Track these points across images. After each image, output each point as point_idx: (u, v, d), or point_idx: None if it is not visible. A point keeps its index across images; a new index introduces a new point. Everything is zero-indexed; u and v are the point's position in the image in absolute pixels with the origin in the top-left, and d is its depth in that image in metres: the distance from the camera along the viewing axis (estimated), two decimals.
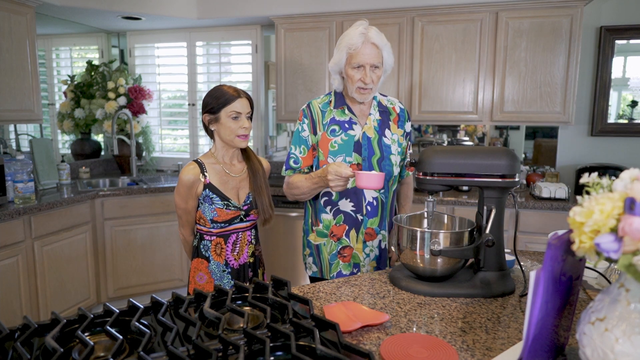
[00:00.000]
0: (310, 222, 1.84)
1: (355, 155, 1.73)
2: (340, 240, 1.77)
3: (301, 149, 1.78)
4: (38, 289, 2.79)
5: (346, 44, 1.64)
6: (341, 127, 1.75)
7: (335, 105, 1.77)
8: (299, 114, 1.81)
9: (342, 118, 1.76)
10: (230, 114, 1.68)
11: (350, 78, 1.67)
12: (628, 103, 3.22)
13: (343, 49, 1.65)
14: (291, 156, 1.79)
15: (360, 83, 1.66)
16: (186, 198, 1.73)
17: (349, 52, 1.64)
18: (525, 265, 1.54)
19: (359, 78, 1.65)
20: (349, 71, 1.67)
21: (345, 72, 1.69)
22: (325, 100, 1.81)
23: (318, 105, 1.79)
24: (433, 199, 1.41)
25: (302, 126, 1.78)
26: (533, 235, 2.89)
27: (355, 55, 1.63)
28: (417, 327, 1.10)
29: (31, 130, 3.93)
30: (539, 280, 0.76)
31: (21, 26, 2.95)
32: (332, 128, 1.75)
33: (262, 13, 3.50)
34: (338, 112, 1.77)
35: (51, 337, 0.89)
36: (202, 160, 1.76)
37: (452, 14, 3.11)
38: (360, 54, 1.62)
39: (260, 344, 0.89)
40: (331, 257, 1.79)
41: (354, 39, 1.62)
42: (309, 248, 1.85)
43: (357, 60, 1.63)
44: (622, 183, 0.70)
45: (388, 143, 1.77)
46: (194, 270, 1.80)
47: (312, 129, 1.77)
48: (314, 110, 1.78)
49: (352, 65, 1.65)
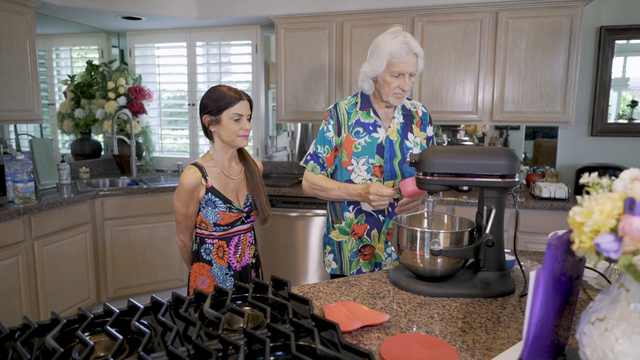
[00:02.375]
0: (331, 220, 1.88)
1: (378, 158, 1.78)
2: (361, 239, 1.82)
3: (325, 148, 1.82)
4: (38, 289, 2.79)
5: (388, 53, 1.66)
6: (365, 129, 1.79)
7: (361, 107, 1.81)
8: (326, 114, 1.85)
9: (366, 120, 1.80)
10: (232, 116, 1.67)
11: (387, 84, 1.71)
12: (628, 103, 3.22)
13: (384, 57, 1.67)
14: (318, 155, 1.82)
15: (398, 90, 1.71)
16: (187, 203, 1.71)
17: (391, 60, 1.67)
18: (525, 265, 1.54)
19: (397, 85, 1.70)
20: (387, 78, 1.70)
21: (383, 79, 1.72)
22: (352, 101, 1.84)
23: (345, 107, 1.82)
24: (433, 199, 1.41)
25: (327, 126, 1.82)
26: (533, 235, 2.89)
27: (397, 64, 1.67)
28: (417, 327, 1.10)
29: (31, 130, 3.93)
30: (539, 280, 0.76)
31: (21, 26, 2.95)
32: (357, 130, 1.79)
33: (262, 13, 3.50)
34: (363, 114, 1.80)
35: (51, 337, 0.89)
36: (202, 163, 1.74)
37: (452, 14, 3.11)
38: (402, 63, 1.66)
39: (260, 344, 0.89)
40: (352, 254, 1.84)
41: (398, 49, 1.65)
42: (329, 245, 1.88)
43: (399, 69, 1.67)
44: (622, 183, 0.70)
45: (410, 146, 1.82)
46: (195, 275, 1.78)
47: (336, 130, 1.81)
48: (340, 112, 1.81)
49: (392, 72, 1.68)
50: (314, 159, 1.84)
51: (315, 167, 1.83)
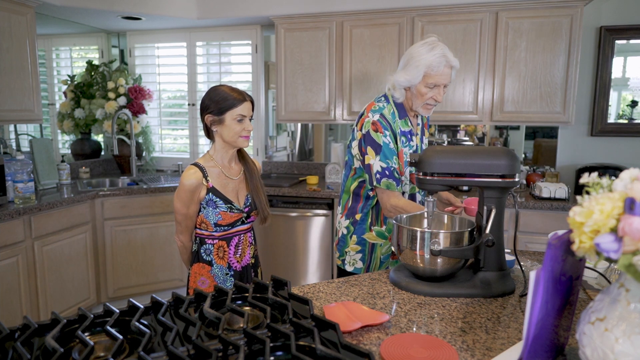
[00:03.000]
0: (370, 222, 1.84)
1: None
2: None
3: (394, 160, 1.73)
4: (38, 289, 2.79)
5: (426, 65, 1.65)
6: (407, 138, 1.80)
7: (399, 116, 1.80)
8: (375, 125, 1.72)
9: (405, 129, 1.80)
10: (235, 117, 1.67)
11: (421, 95, 1.71)
12: (628, 103, 3.22)
13: (421, 68, 1.66)
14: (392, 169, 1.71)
15: (431, 100, 1.71)
16: (188, 203, 1.70)
17: (428, 72, 1.67)
18: (525, 265, 1.53)
19: (430, 96, 1.70)
20: (422, 89, 1.70)
21: (417, 89, 1.71)
22: (390, 110, 1.79)
23: (389, 115, 1.77)
24: (433, 199, 1.41)
25: (386, 138, 1.72)
26: (533, 235, 2.89)
27: (434, 76, 1.67)
28: (417, 327, 1.10)
29: (31, 130, 3.93)
30: (539, 280, 0.76)
31: (21, 26, 2.95)
32: (402, 139, 1.79)
33: (262, 13, 3.50)
34: (402, 123, 1.80)
35: (51, 337, 0.89)
36: (202, 163, 1.74)
37: (452, 14, 3.11)
38: (439, 75, 1.67)
39: (260, 344, 0.89)
40: (384, 256, 1.85)
41: (436, 62, 1.65)
42: (359, 245, 1.86)
43: (435, 80, 1.67)
44: (622, 183, 0.70)
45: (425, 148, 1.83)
46: (195, 276, 1.78)
47: (394, 139, 1.76)
48: (390, 121, 1.76)
49: (427, 84, 1.69)
50: (387, 175, 1.71)
51: (391, 184, 1.71)
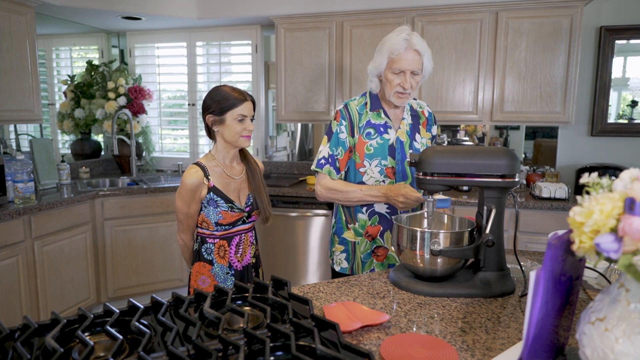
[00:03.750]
0: (345, 220, 1.85)
1: (390, 159, 1.76)
2: (374, 240, 1.80)
3: (339, 150, 1.77)
4: (38, 289, 2.79)
5: (388, 49, 1.65)
6: (376, 131, 1.77)
7: (371, 108, 1.78)
8: (336, 115, 1.79)
9: (377, 121, 1.78)
10: (236, 117, 1.68)
11: (389, 82, 1.69)
12: (628, 103, 3.22)
13: (385, 53, 1.66)
14: (336, 157, 1.77)
15: (399, 88, 1.68)
16: (189, 202, 1.71)
17: (391, 57, 1.65)
18: (525, 265, 1.53)
19: (398, 83, 1.68)
20: (389, 75, 1.68)
21: (385, 76, 1.70)
22: (361, 102, 1.81)
23: (355, 107, 1.78)
24: (433, 199, 1.41)
25: (340, 127, 1.76)
26: (533, 235, 2.89)
27: (397, 60, 1.65)
28: (417, 327, 1.10)
29: (31, 130, 3.93)
30: (539, 280, 0.76)
31: (21, 26, 2.95)
32: (368, 131, 1.76)
33: (262, 13, 3.50)
34: (374, 115, 1.78)
35: (51, 337, 0.89)
36: (203, 163, 1.74)
37: (452, 14, 3.11)
38: (403, 59, 1.64)
39: (260, 344, 0.89)
40: (364, 256, 1.82)
41: (397, 45, 1.63)
42: (342, 245, 1.86)
43: (399, 65, 1.65)
44: (622, 183, 0.70)
45: (418, 147, 1.82)
46: (196, 274, 1.78)
47: (350, 130, 1.76)
48: (352, 112, 1.77)
49: (392, 70, 1.67)
50: (330, 162, 1.77)
51: (332, 171, 1.77)
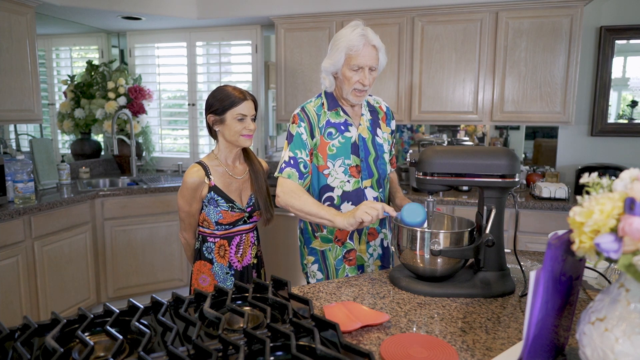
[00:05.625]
0: (311, 229, 1.78)
1: (354, 157, 1.71)
2: (344, 245, 1.75)
3: (302, 153, 1.69)
4: (38, 289, 2.79)
5: (346, 45, 1.61)
6: (337, 130, 1.72)
7: (328, 108, 1.74)
8: (293, 118, 1.72)
9: (337, 120, 1.73)
10: (236, 116, 1.68)
11: (347, 79, 1.65)
12: (628, 103, 3.22)
13: (342, 50, 1.62)
14: (299, 160, 1.67)
15: (358, 85, 1.64)
16: (190, 201, 1.71)
17: (349, 53, 1.61)
18: (525, 265, 1.53)
19: (357, 80, 1.63)
20: (347, 72, 1.64)
21: (342, 74, 1.66)
22: (317, 103, 1.76)
23: (313, 109, 1.74)
24: (433, 199, 1.41)
25: (299, 129, 1.69)
26: (533, 235, 2.89)
27: (356, 57, 1.61)
28: (417, 327, 1.10)
29: (31, 130, 3.94)
30: (539, 280, 0.76)
31: (21, 26, 2.95)
32: (329, 131, 1.71)
33: (262, 13, 3.50)
34: (332, 114, 1.73)
35: (51, 337, 0.89)
36: (205, 162, 1.75)
37: (452, 14, 3.11)
38: (361, 56, 1.60)
39: (260, 344, 0.89)
40: (337, 262, 1.76)
41: (355, 41, 1.59)
42: (312, 255, 1.79)
43: (357, 62, 1.61)
44: (622, 183, 0.70)
45: (380, 142, 1.78)
46: (197, 273, 1.79)
47: (310, 132, 1.70)
48: (310, 114, 1.72)
49: (350, 66, 1.62)
50: (292, 165, 1.65)
51: (292, 173, 1.64)
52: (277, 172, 1.69)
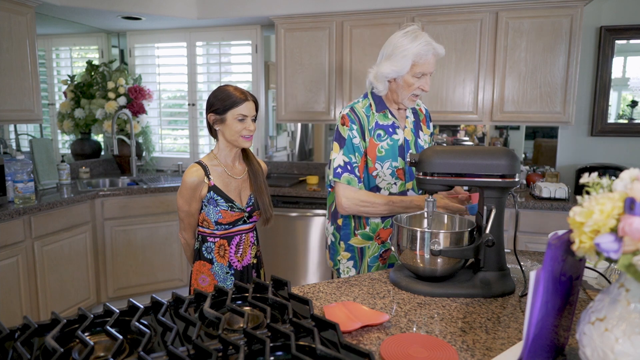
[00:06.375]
0: (353, 226, 1.80)
1: (400, 160, 1.75)
2: (384, 244, 1.79)
3: (355, 157, 1.71)
4: (38, 289, 2.79)
5: (414, 53, 1.63)
6: (386, 132, 1.75)
7: (377, 109, 1.76)
8: (343, 119, 1.73)
9: (385, 122, 1.76)
10: (236, 116, 1.68)
11: (408, 85, 1.68)
12: (628, 103, 3.22)
13: (408, 58, 1.64)
14: (354, 164, 1.70)
15: (418, 90, 1.69)
16: (190, 201, 1.72)
17: (416, 61, 1.65)
18: (525, 265, 1.53)
19: (418, 86, 1.68)
20: (409, 79, 1.67)
21: (404, 80, 1.68)
22: (365, 104, 1.77)
23: (362, 110, 1.75)
24: (433, 199, 1.41)
25: (351, 132, 1.71)
26: (533, 235, 2.89)
27: (422, 64, 1.65)
28: (417, 327, 1.10)
29: (31, 130, 3.93)
30: (539, 280, 0.76)
31: (21, 26, 2.95)
32: (378, 133, 1.74)
33: (262, 13, 3.50)
34: (380, 116, 1.76)
35: (51, 337, 0.89)
36: (205, 162, 1.75)
37: (452, 14, 3.11)
38: (427, 63, 1.65)
39: (260, 344, 0.89)
40: (372, 259, 1.80)
41: (423, 50, 1.63)
42: (348, 252, 1.81)
43: (422, 69, 1.66)
44: (622, 183, 0.70)
45: (422, 144, 1.81)
46: (196, 273, 1.79)
47: (361, 134, 1.72)
48: (360, 115, 1.73)
49: (415, 73, 1.66)
50: (349, 170, 1.70)
51: (352, 179, 1.69)
52: (332, 176, 1.72)
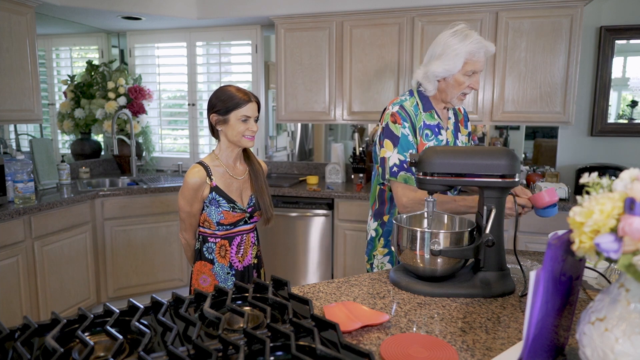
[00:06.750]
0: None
1: None
2: None
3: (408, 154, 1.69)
4: (38, 289, 2.79)
5: (466, 52, 1.63)
6: (432, 132, 1.74)
7: (424, 109, 1.75)
8: (394, 117, 1.70)
9: (431, 122, 1.75)
10: (240, 117, 1.68)
11: (459, 84, 1.67)
12: (628, 103, 3.22)
13: (461, 56, 1.63)
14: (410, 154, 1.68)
15: (467, 89, 1.68)
16: (191, 201, 1.72)
17: (469, 59, 1.64)
18: (525, 265, 1.53)
19: (468, 84, 1.67)
20: (460, 78, 1.66)
21: (455, 79, 1.67)
22: (413, 102, 1.75)
23: (410, 108, 1.73)
24: (433, 199, 1.41)
25: (405, 130, 1.69)
26: (533, 235, 2.89)
27: (474, 62, 1.65)
28: (417, 327, 1.10)
29: (31, 130, 3.93)
30: (539, 280, 0.76)
31: (21, 26, 2.95)
32: (426, 132, 1.73)
33: (262, 13, 3.50)
34: (427, 116, 1.75)
35: (51, 337, 0.89)
36: (206, 162, 1.75)
37: (452, 14, 3.11)
38: (479, 61, 1.65)
39: (260, 344, 0.89)
40: None
41: (475, 48, 1.63)
42: (387, 248, 1.84)
43: (474, 67, 1.65)
44: (622, 183, 0.70)
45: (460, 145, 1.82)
46: (197, 273, 1.79)
47: (413, 132, 1.71)
48: (410, 113, 1.72)
49: (466, 72, 1.65)
50: (405, 168, 1.67)
51: (409, 178, 1.67)
52: (388, 175, 1.70)
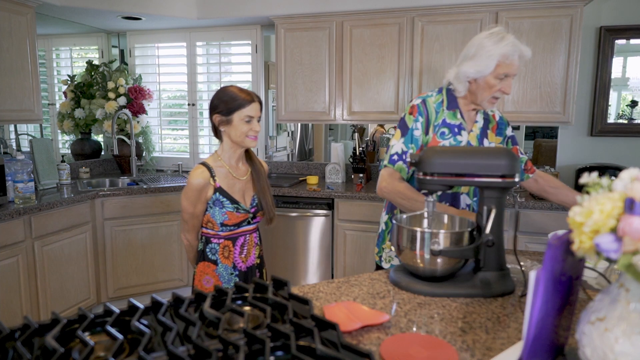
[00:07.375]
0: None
1: None
2: None
3: (411, 148, 1.70)
4: (38, 289, 2.79)
5: (500, 54, 1.60)
6: (451, 131, 1.72)
7: (448, 107, 1.73)
8: (412, 109, 1.72)
9: (452, 121, 1.73)
10: (243, 117, 1.68)
11: (490, 87, 1.64)
12: (628, 103, 3.22)
13: (494, 58, 1.60)
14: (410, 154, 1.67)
15: (498, 93, 1.65)
16: (195, 202, 1.71)
17: (502, 61, 1.61)
18: (525, 265, 1.53)
19: (499, 88, 1.64)
20: (491, 80, 1.63)
21: (486, 81, 1.65)
22: (438, 99, 1.74)
23: (433, 105, 1.72)
24: (433, 199, 1.41)
25: (416, 124, 1.70)
26: (533, 235, 2.89)
27: (507, 65, 1.62)
28: (417, 327, 1.10)
29: (31, 130, 3.93)
30: (539, 280, 0.76)
31: (21, 26, 2.95)
32: (442, 130, 1.71)
33: (262, 13, 3.50)
34: (449, 115, 1.73)
35: (52, 337, 0.89)
36: (210, 163, 1.75)
37: (452, 14, 3.11)
38: (512, 65, 1.62)
39: (260, 344, 0.89)
40: None
41: (510, 50, 1.60)
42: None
43: (506, 70, 1.62)
44: (622, 183, 0.70)
45: None
46: (200, 274, 1.79)
47: (425, 128, 1.70)
48: (429, 109, 1.71)
49: (498, 74, 1.62)
50: (403, 159, 1.69)
51: (403, 168, 1.69)
52: (387, 161, 1.71)
